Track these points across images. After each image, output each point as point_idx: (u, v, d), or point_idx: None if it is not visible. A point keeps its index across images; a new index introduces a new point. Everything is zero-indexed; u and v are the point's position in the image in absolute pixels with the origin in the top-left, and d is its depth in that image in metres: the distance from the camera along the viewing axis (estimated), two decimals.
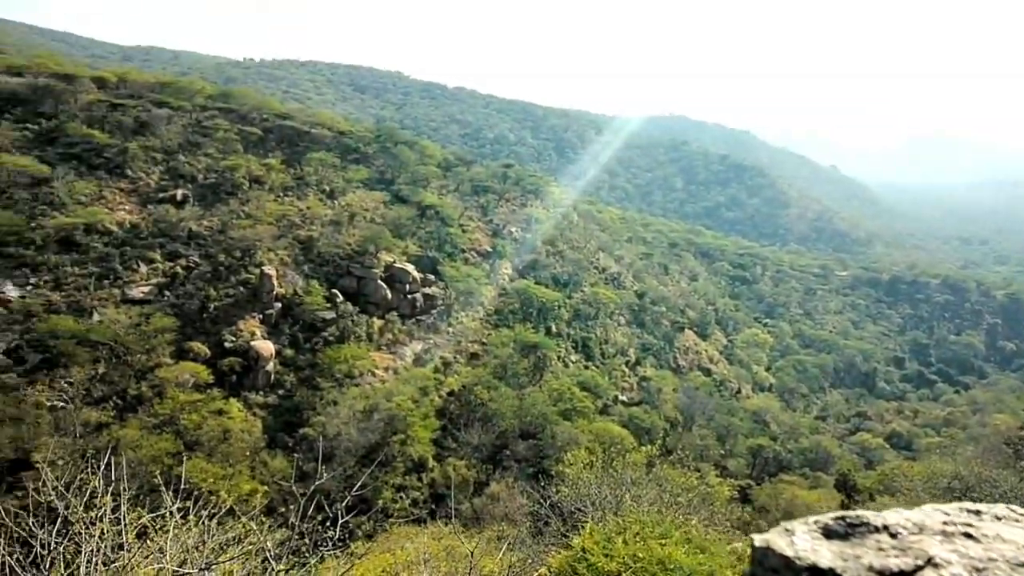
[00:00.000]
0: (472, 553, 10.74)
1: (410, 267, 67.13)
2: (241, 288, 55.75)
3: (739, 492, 47.08)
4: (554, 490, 24.21)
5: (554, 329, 74.00)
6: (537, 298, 74.46)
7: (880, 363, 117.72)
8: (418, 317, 65.06)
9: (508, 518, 33.09)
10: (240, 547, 8.25)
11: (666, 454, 42.38)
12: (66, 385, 41.86)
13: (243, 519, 8.76)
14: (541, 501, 23.25)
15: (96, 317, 48.23)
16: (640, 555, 10.89)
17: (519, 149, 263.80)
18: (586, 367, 72.03)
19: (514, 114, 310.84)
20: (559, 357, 70.02)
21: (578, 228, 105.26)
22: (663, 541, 11.50)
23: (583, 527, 13.99)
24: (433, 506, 44.45)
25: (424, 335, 63.96)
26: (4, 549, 7.32)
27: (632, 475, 24.56)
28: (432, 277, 69.63)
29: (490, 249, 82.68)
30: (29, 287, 49.32)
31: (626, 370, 76.79)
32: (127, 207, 60.22)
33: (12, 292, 48.44)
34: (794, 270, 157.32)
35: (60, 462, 31.05)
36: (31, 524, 7.86)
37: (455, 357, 63.22)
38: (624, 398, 69.68)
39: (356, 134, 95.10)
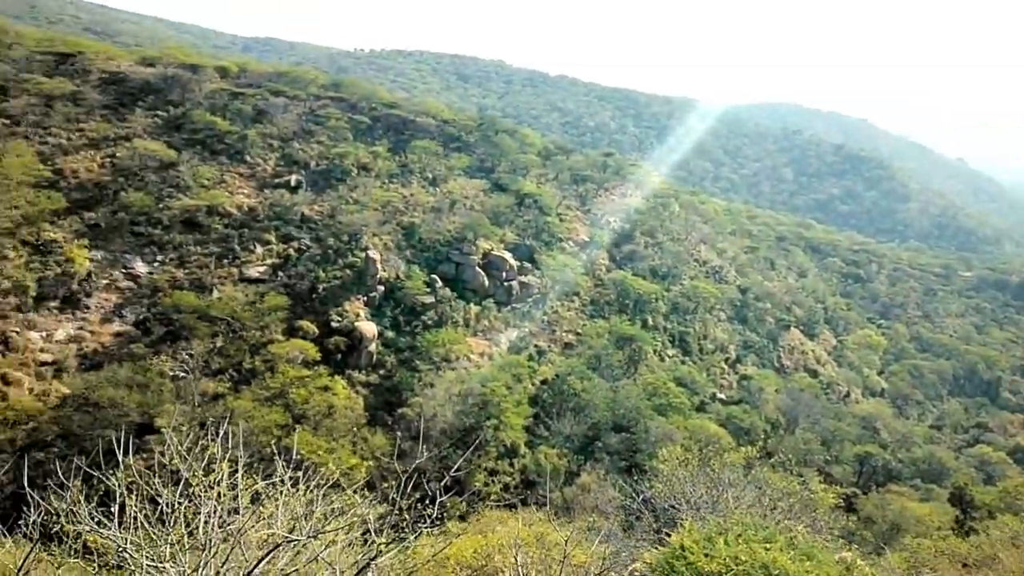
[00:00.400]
0: (566, 542, 10.78)
1: (507, 255, 67.76)
2: (347, 271, 58.05)
3: (844, 500, 44.88)
4: (647, 485, 23.91)
5: (651, 322, 72.81)
6: (634, 290, 73.46)
7: (1005, 371, 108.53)
8: (514, 305, 65.67)
9: (598, 510, 32.93)
10: (344, 518, 8.66)
11: (766, 456, 41.06)
12: (187, 357, 45.02)
13: (348, 491, 9.18)
14: (634, 495, 23.03)
15: (216, 294, 51.60)
16: (742, 557, 10.61)
17: (620, 137, 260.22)
18: (683, 362, 70.51)
19: (616, 102, 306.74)
20: (655, 351, 68.87)
21: (679, 219, 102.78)
22: (767, 545, 11.14)
23: (679, 525, 13.76)
24: (524, 492, 44.91)
25: (519, 322, 64.51)
26: (136, 505, 8.02)
27: (730, 476, 23.92)
28: (528, 265, 70.02)
29: (587, 239, 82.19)
30: (156, 264, 53.37)
31: (725, 367, 74.60)
32: (246, 191, 63.94)
33: (141, 268, 52.57)
34: (913, 269, 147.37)
35: (183, 428, 33.47)
36: (157, 484, 8.56)
37: (549, 346, 63.44)
38: (722, 396, 67.78)
39: (459, 123, 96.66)
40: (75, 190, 56.26)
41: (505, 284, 65.90)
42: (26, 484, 8.11)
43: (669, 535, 13.15)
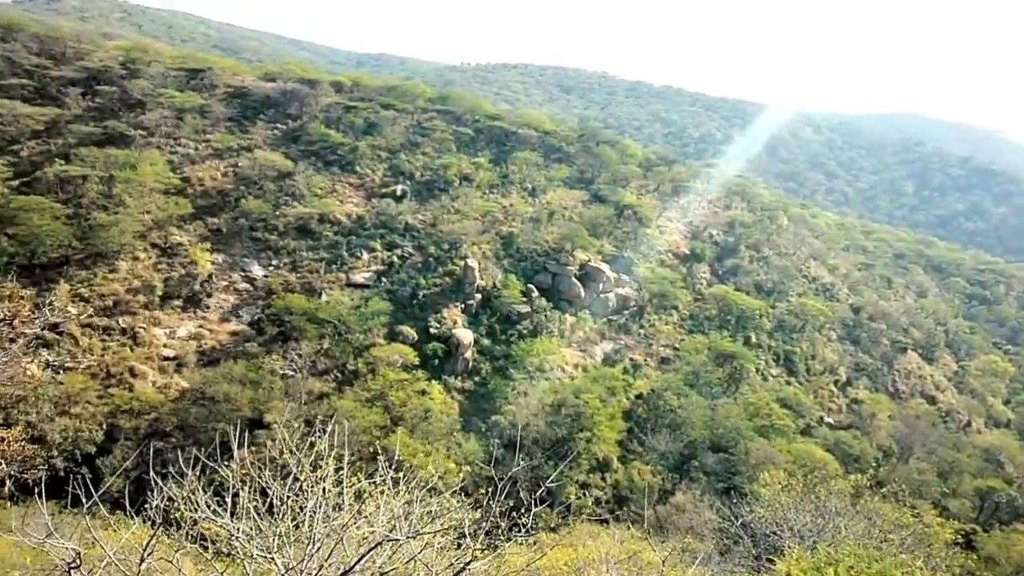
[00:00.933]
0: (663, 562, 10.51)
1: (604, 266, 67.22)
2: (447, 278, 59.34)
3: (962, 537, 41.51)
4: (747, 509, 23.08)
5: (754, 339, 70.17)
6: (737, 305, 71.04)
7: None
8: (610, 317, 65.02)
9: (693, 531, 31.98)
10: (441, 521, 8.81)
11: (876, 486, 38.74)
12: (296, 356, 47.27)
13: (445, 495, 9.33)
14: (732, 518, 22.25)
15: (324, 298, 53.99)
16: None
17: (726, 148, 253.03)
18: (788, 383, 67.45)
19: (722, 111, 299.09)
20: (758, 369, 66.25)
21: (787, 233, 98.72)
22: None
23: (782, 552, 13.15)
24: (615, 507, 44.22)
25: (615, 335, 63.78)
26: (248, 496, 8.47)
27: (836, 504, 22.76)
28: (626, 277, 69.18)
29: (688, 252, 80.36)
30: (271, 268, 56.47)
31: (834, 390, 70.77)
32: (355, 200, 66.72)
33: (257, 271, 55.75)
34: None
35: (298, 424, 35.07)
36: (268, 477, 9.00)
37: (645, 360, 62.31)
38: (830, 420, 64.34)
39: (560, 134, 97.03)
40: (200, 197, 60.48)
41: (601, 296, 65.36)
42: (151, 471, 8.70)
43: (771, 562, 12.59)
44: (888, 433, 63.41)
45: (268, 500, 8.67)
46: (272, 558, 7.63)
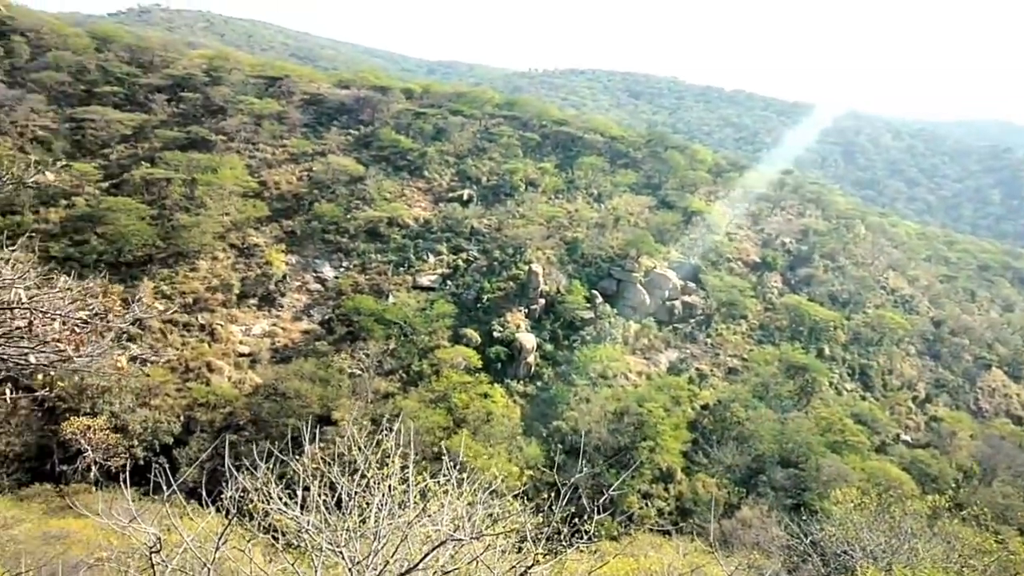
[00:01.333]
0: None
1: (671, 273, 66.18)
2: (511, 283, 59.59)
3: None
4: (817, 527, 22.32)
5: (827, 352, 67.76)
6: (810, 316, 68.73)
7: None
8: (675, 325, 63.92)
9: (760, 547, 31.06)
10: (503, 524, 8.84)
11: (956, 508, 36.81)
12: (364, 356, 48.34)
13: (508, 498, 9.36)
14: (801, 536, 21.53)
15: (391, 299, 55.06)
16: None
17: (800, 154, 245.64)
18: (863, 398, 64.82)
19: (797, 117, 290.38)
20: (831, 383, 63.92)
21: (865, 242, 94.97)
22: None
23: (855, 572, 12.64)
24: (678, 519, 43.38)
25: (680, 343, 62.67)
26: (318, 490, 8.71)
27: (912, 525, 21.75)
28: (693, 285, 67.93)
29: (759, 260, 78.29)
30: (341, 269, 57.98)
31: (912, 406, 67.58)
32: (422, 204, 67.87)
33: (329, 272, 57.31)
34: None
35: (365, 422, 35.85)
36: (336, 472, 9.23)
37: (712, 370, 60.97)
38: (907, 438, 61.46)
39: (627, 139, 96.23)
40: (276, 200, 62.67)
41: (667, 303, 64.35)
42: (227, 463, 9.04)
43: None
44: (969, 453, 60.10)
45: (336, 495, 8.89)
46: (340, 552, 7.81)
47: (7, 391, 7.38)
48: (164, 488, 8.76)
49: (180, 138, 65.75)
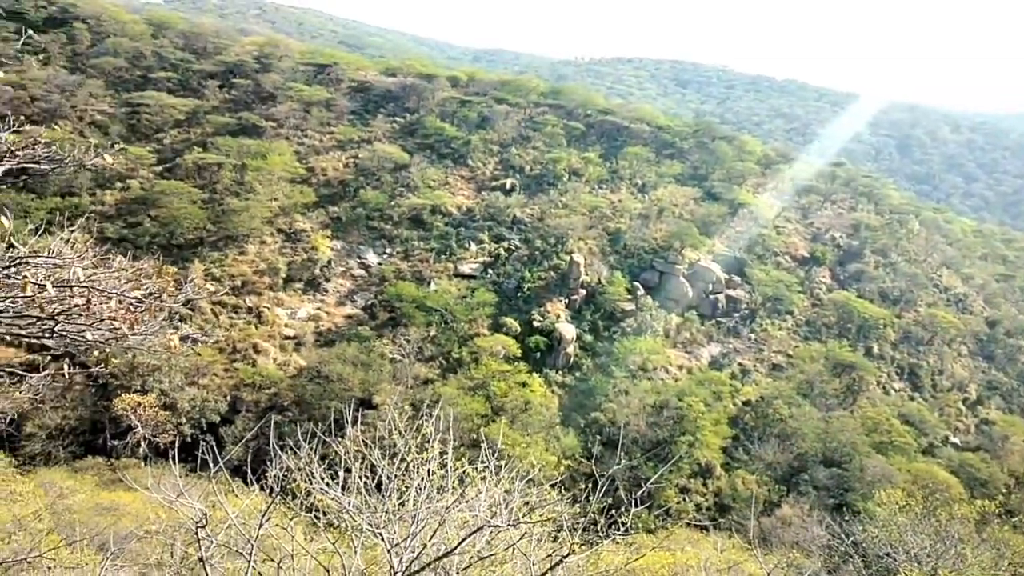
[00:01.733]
0: (768, 575, 10.11)
1: (715, 266, 65.19)
2: (552, 272, 59.50)
3: None
4: (859, 527, 21.87)
5: (876, 350, 66.04)
6: (859, 313, 67.02)
7: None
8: (718, 319, 63.01)
9: (799, 546, 30.56)
10: (540, 512, 8.88)
11: (1007, 515, 35.71)
12: (404, 342, 48.91)
13: (545, 487, 9.39)
14: (842, 536, 21.13)
15: (432, 286, 55.52)
16: None
17: (852, 146, 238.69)
18: (911, 398, 63.08)
19: (850, 107, 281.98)
20: (879, 382, 62.33)
21: (917, 239, 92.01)
22: None
23: (897, 575, 12.35)
24: (716, 515, 42.95)
25: (723, 338, 61.78)
26: (358, 471, 8.86)
27: (959, 530, 21.16)
28: (738, 279, 66.80)
29: (807, 254, 76.55)
30: (385, 255, 58.65)
31: (963, 408, 65.49)
32: (465, 192, 68.11)
33: (372, 259, 58.04)
34: None
35: (405, 407, 36.30)
36: (376, 455, 9.37)
37: (755, 365, 59.98)
38: (956, 440, 59.61)
39: (673, 129, 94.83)
40: (323, 186, 63.63)
41: (710, 296, 63.46)
42: (272, 442, 9.25)
43: None
44: (1022, 458, 58.05)
45: (376, 477, 9.03)
46: (380, 533, 7.95)
47: (65, 366, 7.67)
48: (210, 465, 9.01)
49: (231, 124, 67.15)
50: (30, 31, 13.92)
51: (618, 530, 8.60)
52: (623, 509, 8.79)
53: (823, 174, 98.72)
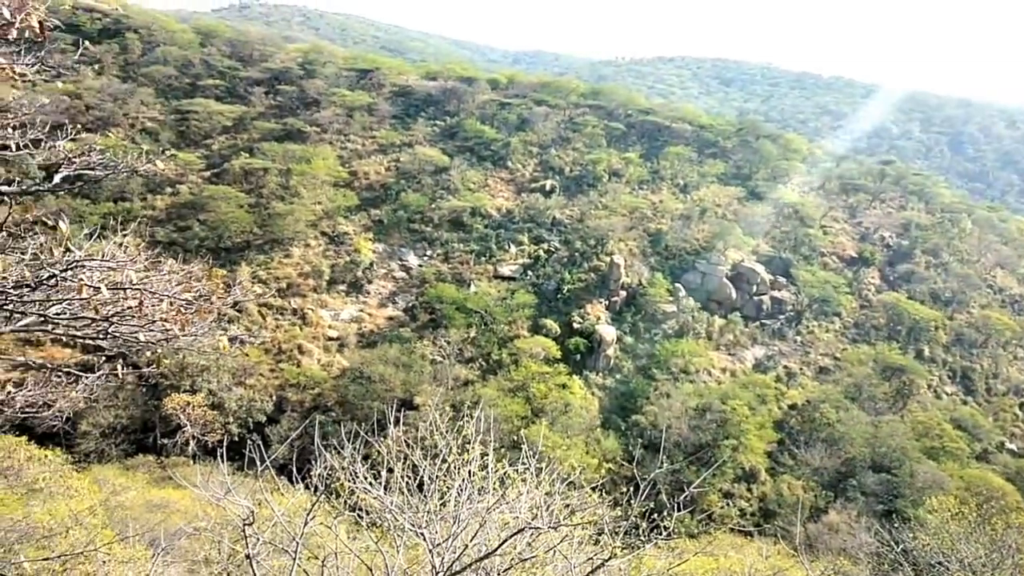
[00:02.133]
0: None
1: (759, 267, 64.05)
2: (592, 274, 59.21)
3: None
4: (909, 535, 21.22)
5: (927, 352, 64.07)
6: (909, 315, 65.12)
7: None
8: (763, 321, 61.88)
9: (847, 553, 29.83)
10: (582, 515, 8.83)
11: None
12: (445, 343, 49.21)
13: (586, 489, 9.34)
14: (891, 543, 20.52)
15: (472, 288, 55.74)
16: None
17: (902, 144, 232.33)
18: (964, 402, 61.00)
19: (899, 104, 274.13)
20: (930, 386, 60.45)
21: (970, 238, 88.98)
22: None
23: None
24: (761, 520, 42.15)
25: (768, 340, 60.66)
26: (400, 471, 8.94)
27: (1017, 539, 20.38)
28: (783, 280, 65.53)
29: (855, 255, 74.70)
30: (425, 257, 59.12)
31: (1018, 413, 63.04)
32: (505, 194, 68.27)
33: (413, 261, 58.55)
34: None
35: (445, 408, 36.49)
36: (418, 456, 9.44)
37: (801, 368, 58.75)
38: (1012, 446, 57.41)
39: (716, 128, 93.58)
40: (365, 190, 64.47)
41: (754, 298, 62.37)
42: (316, 441, 9.39)
43: None
44: None
45: (418, 478, 9.10)
46: (422, 533, 8.01)
47: (118, 367, 7.91)
48: (257, 464, 9.19)
49: (277, 129, 68.53)
50: (86, 42, 14.43)
51: (660, 534, 8.51)
52: (665, 513, 8.69)
53: (872, 172, 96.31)
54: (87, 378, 8.83)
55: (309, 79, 79.16)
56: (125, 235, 7.22)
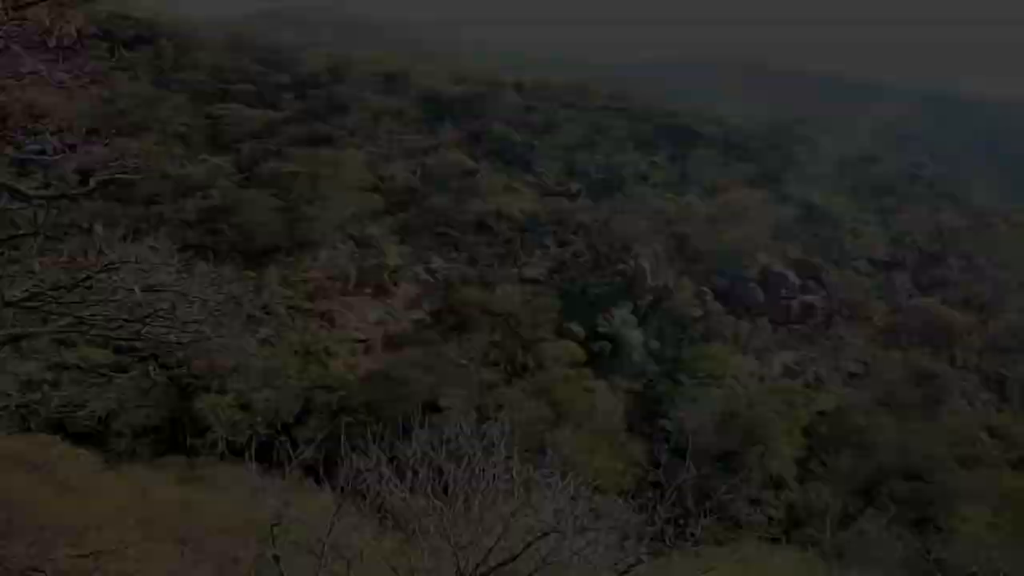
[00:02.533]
0: None
1: (788, 271, 63.30)
2: (617, 278, 58.96)
3: None
4: (942, 545, 20.83)
5: (959, 359, 62.75)
6: (942, 320, 63.86)
7: None
8: (792, 325, 61.05)
9: (877, 562, 29.26)
10: (607, 520, 8.79)
11: None
12: (469, 346, 49.31)
13: (612, 494, 9.29)
14: (924, 553, 20.16)
15: (497, 291, 55.81)
16: None
17: (936, 144, 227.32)
18: (999, 409, 59.65)
19: (934, 105, 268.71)
20: (963, 393, 59.20)
21: (1007, 241, 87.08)
22: None
23: None
24: (789, 528, 41.58)
25: (796, 345, 59.86)
26: (425, 474, 8.98)
27: None
28: (813, 284, 64.64)
29: (887, 259, 73.54)
30: (451, 261, 59.40)
31: None
32: (530, 198, 68.37)
33: (439, 264, 58.86)
34: None
35: (470, 410, 36.55)
36: (443, 459, 9.46)
37: (830, 374, 57.90)
38: None
39: (745, 130, 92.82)
40: (392, 194, 64.88)
41: (783, 302, 61.58)
42: (343, 443, 9.47)
43: None
44: None
45: (443, 480, 9.12)
46: (447, 536, 8.03)
47: (150, 368, 8.05)
48: (284, 465, 9.28)
49: (305, 134, 69.21)
50: (121, 49, 14.73)
51: (686, 541, 8.44)
52: (691, 519, 8.62)
53: (904, 174, 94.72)
54: (120, 379, 8.98)
55: (337, 84, 79.82)
56: (157, 238, 7.36)
